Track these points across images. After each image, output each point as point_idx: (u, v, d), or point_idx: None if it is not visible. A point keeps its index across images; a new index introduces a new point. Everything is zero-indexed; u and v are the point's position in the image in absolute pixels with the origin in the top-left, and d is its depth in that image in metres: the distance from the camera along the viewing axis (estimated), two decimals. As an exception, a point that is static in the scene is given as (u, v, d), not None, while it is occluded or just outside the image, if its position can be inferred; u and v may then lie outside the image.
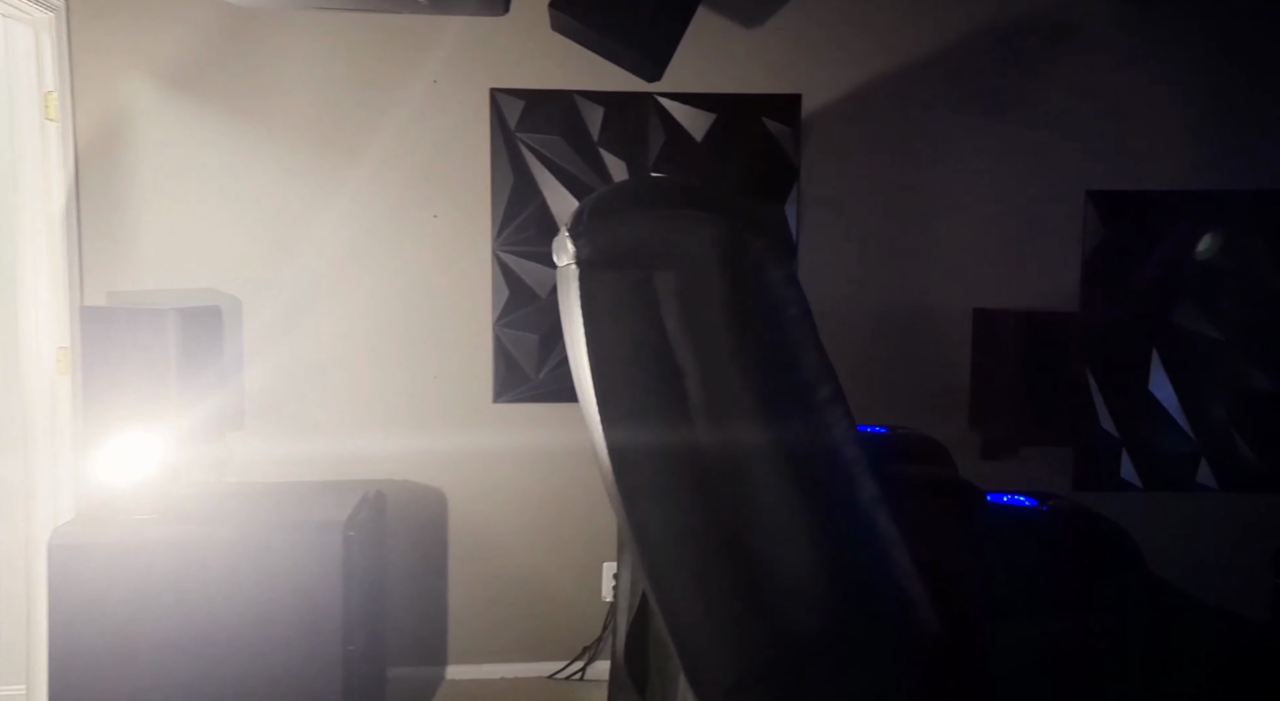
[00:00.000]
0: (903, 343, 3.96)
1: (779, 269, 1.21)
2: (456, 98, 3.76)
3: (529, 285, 3.87)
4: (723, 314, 1.21)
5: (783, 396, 1.18)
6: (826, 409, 1.18)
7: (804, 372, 1.18)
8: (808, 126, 3.89)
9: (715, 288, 1.20)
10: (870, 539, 1.26)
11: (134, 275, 3.64)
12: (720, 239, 1.21)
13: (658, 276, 1.25)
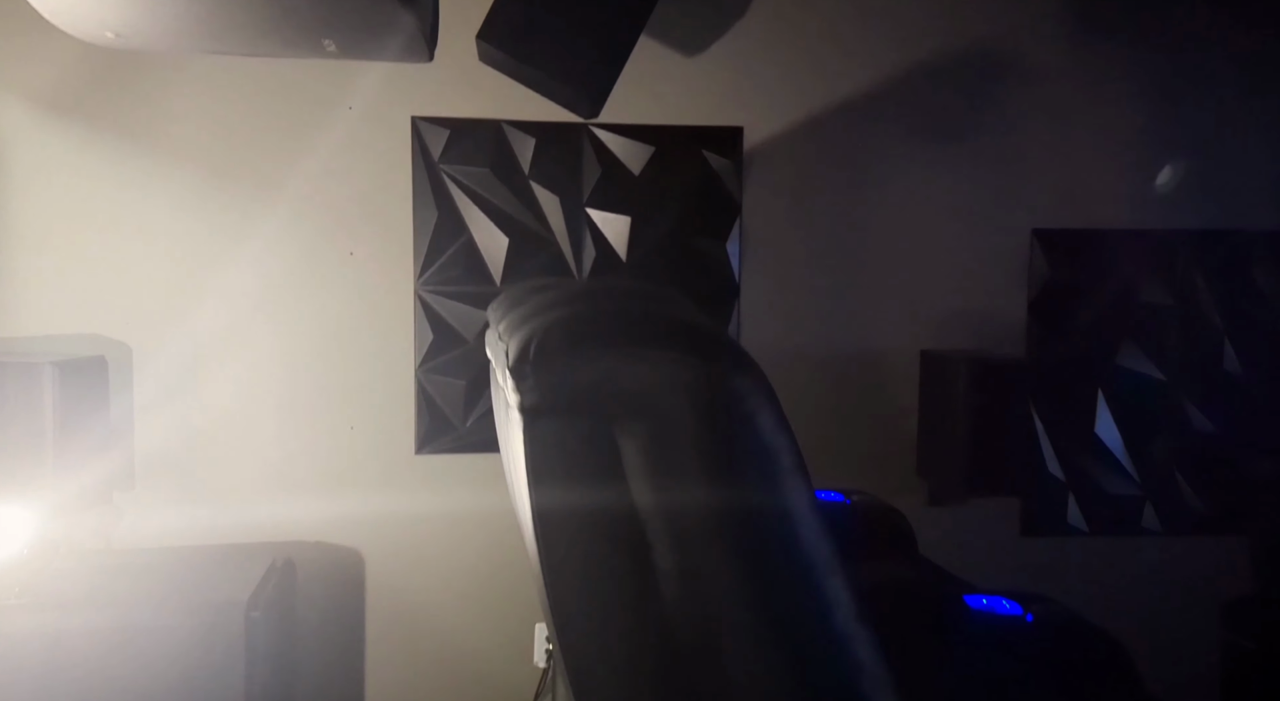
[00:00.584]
0: (849, 386, 3.80)
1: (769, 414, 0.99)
2: (375, 126, 3.47)
3: (454, 327, 3.60)
4: (702, 473, 0.98)
5: (776, 569, 0.96)
6: (826, 581, 0.96)
7: (803, 542, 0.96)
8: (750, 160, 3.71)
9: (691, 440, 0.97)
10: (840, 649, 1.05)
11: (5, 321, 3.24)
12: (697, 384, 0.99)
13: (620, 427, 1.01)
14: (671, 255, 3.68)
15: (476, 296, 3.58)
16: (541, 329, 1.04)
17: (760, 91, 3.68)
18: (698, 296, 3.67)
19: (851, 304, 3.80)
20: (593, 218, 3.65)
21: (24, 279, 3.26)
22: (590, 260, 3.66)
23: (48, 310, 3.28)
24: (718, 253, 3.72)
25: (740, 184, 3.70)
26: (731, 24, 3.65)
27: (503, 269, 3.60)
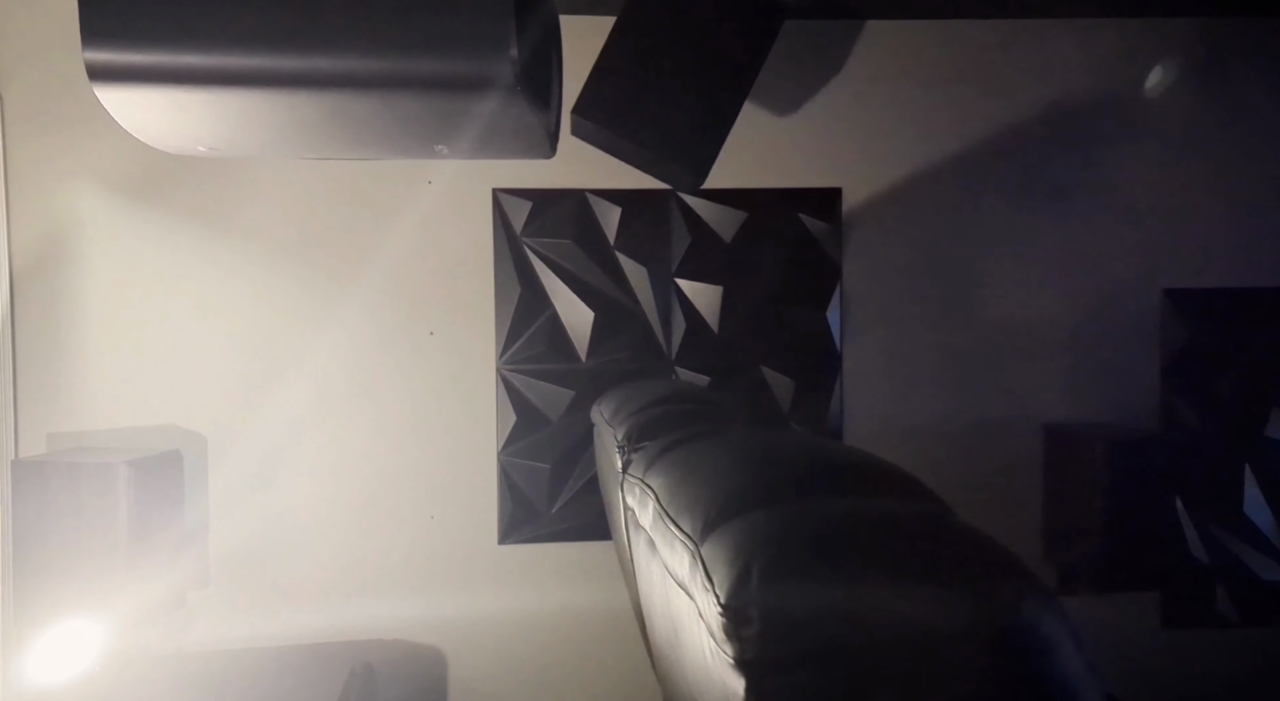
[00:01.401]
0: (964, 463, 3.49)
1: (1072, 653, 0.73)
2: (455, 200, 3.31)
3: (538, 408, 3.39)
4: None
5: None
6: None
7: None
8: (850, 223, 3.46)
9: (974, 693, 0.71)
10: None
11: (80, 414, 3.13)
12: (979, 617, 0.72)
13: (877, 678, 0.75)
14: (768, 326, 3.44)
15: (561, 374, 3.38)
16: (760, 544, 0.79)
17: (858, 150, 3.44)
18: (798, 369, 3.43)
19: (964, 373, 3.50)
20: (682, 288, 3.43)
21: (102, 371, 3.14)
22: (680, 332, 3.43)
23: (125, 402, 3.16)
24: (817, 322, 3.46)
25: (840, 248, 3.46)
26: (825, 82, 3.43)
27: (588, 344, 3.39)
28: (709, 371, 3.43)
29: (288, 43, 1.13)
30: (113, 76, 1.13)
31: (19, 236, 3.08)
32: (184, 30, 1.10)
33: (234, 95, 1.17)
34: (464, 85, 1.17)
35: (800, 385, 3.44)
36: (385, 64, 1.14)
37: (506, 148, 1.44)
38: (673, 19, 2.41)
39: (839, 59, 3.43)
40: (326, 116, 1.24)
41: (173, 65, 1.12)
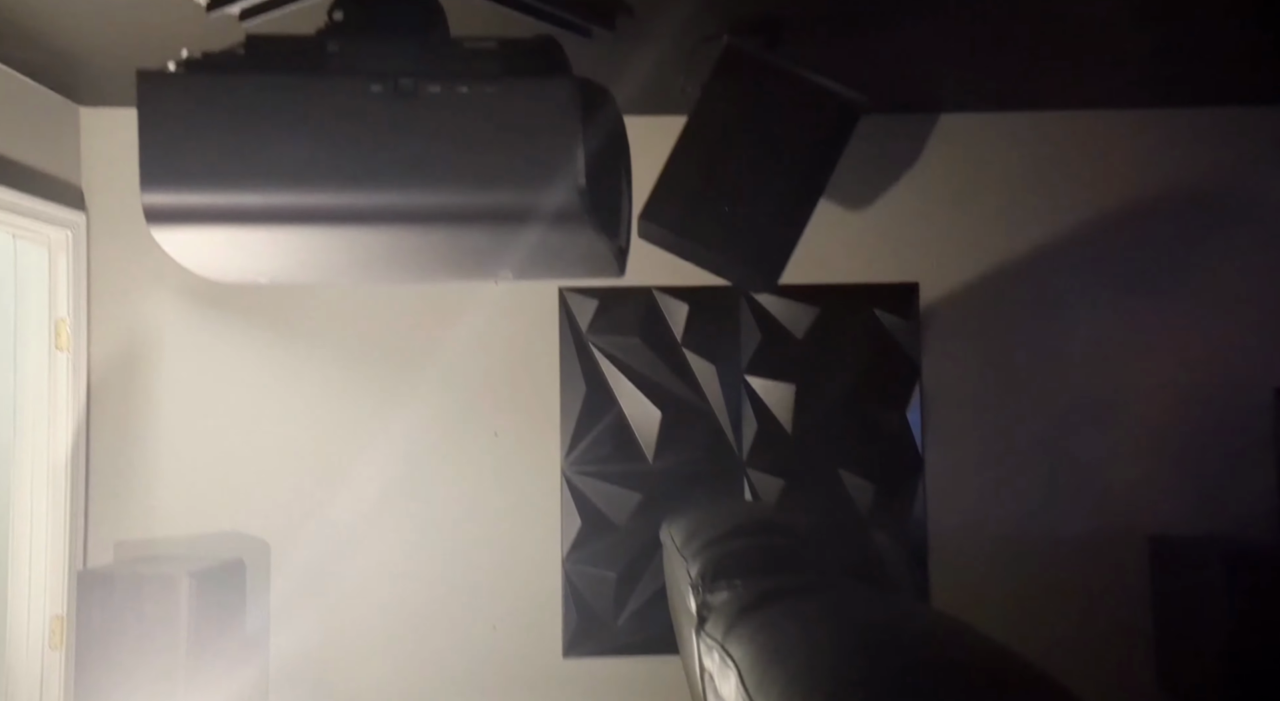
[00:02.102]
0: (1061, 578, 3.24)
1: None
2: (520, 300, 3.28)
3: (604, 512, 3.27)
4: None
5: None
6: None
7: None
8: (928, 318, 3.32)
9: None
10: None
11: (147, 521, 3.12)
12: None
13: None
14: (843, 426, 3.29)
15: (627, 476, 3.26)
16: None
17: (935, 244, 3.33)
18: (877, 472, 3.26)
19: (1059, 479, 3.28)
20: (753, 386, 3.31)
21: (170, 478, 3.14)
22: (752, 433, 3.30)
23: (192, 509, 3.14)
24: (897, 422, 3.30)
25: (918, 345, 3.31)
26: (899, 175, 3.34)
27: (655, 445, 3.28)
28: (782, 474, 3.28)
29: (346, 180, 1.08)
30: (170, 218, 1.10)
31: (98, 347, 3.13)
32: (242, 171, 1.07)
33: (292, 232, 1.13)
34: (529, 216, 1.11)
35: (880, 489, 3.26)
36: (447, 198, 1.09)
37: (573, 270, 1.37)
38: (743, 120, 2.36)
39: (913, 152, 3.34)
40: (386, 249, 1.20)
41: (231, 205, 1.08)
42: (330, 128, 1.08)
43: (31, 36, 2.50)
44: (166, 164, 1.07)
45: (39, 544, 2.92)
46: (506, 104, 1.09)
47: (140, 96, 1.08)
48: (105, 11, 2.31)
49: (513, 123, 1.09)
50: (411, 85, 1.08)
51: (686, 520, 1.91)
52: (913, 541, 3.26)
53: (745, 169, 2.36)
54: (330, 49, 1.13)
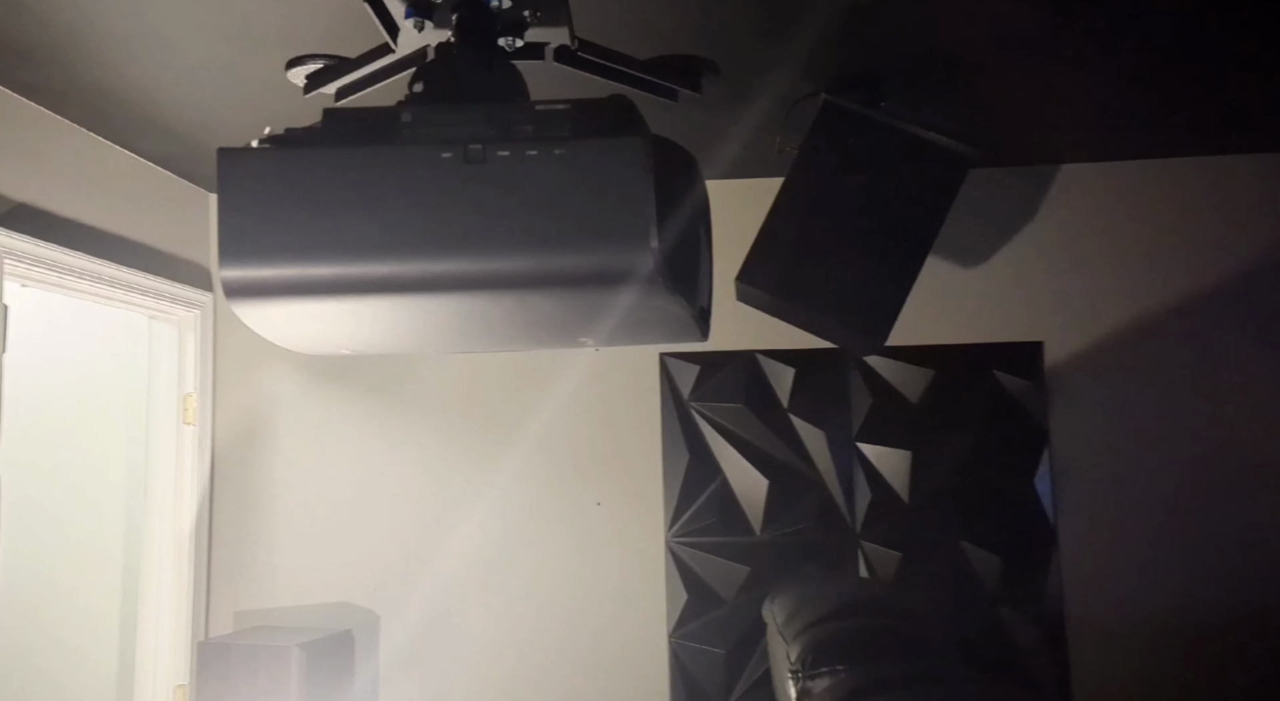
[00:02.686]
0: (1217, 658, 2.90)
1: None
2: (620, 367, 3.25)
3: (710, 586, 3.15)
4: None
5: None
6: None
7: None
8: (1054, 380, 3.11)
9: None
10: None
11: (264, 592, 3.19)
12: None
13: None
14: (965, 495, 3.09)
15: (734, 548, 3.14)
16: None
17: (1059, 300, 3.13)
18: (1004, 544, 3.03)
19: (1212, 551, 2.97)
20: (865, 453, 3.16)
21: (283, 550, 3.21)
22: (865, 502, 3.14)
23: (304, 578, 3.20)
24: (1024, 491, 3.08)
25: (1045, 407, 3.09)
26: (1018, 229, 3.18)
27: (763, 515, 3.16)
28: (900, 546, 3.09)
29: (415, 248, 1.08)
30: (248, 292, 1.11)
31: (221, 421, 3.26)
32: (316, 243, 1.08)
33: (366, 303, 1.13)
34: (601, 280, 1.07)
35: (1008, 563, 3.03)
36: (516, 263, 1.07)
37: (654, 335, 1.33)
38: (843, 177, 2.29)
39: (1032, 205, 3.18)
40: (460, 317, 1.18)
41: (305, 278, 1.09)
42: (401, 196, 1.08)
43: (164, 130, 2.69)
44: (243, 239, 1.09)
45: (165, 614, 3.02)
46: (575, 164, 1.07)
47: (219, 173, 1.11)
48: (228, 102, 2.46)
49: (581, 183, 1.07)
50: (481, 150, 1.07)
51: (789, 597, 1.80)
52: (1048, 622, 3.00)
53: (847, 227, 2.28)
54: (404, 119, 1.14)
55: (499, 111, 1.13)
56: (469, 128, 1.11)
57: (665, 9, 1.88)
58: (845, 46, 2.18)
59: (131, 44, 2.10)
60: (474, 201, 1.08)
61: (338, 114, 1.18)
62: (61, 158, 2.57)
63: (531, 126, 1.11)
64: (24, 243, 2.37)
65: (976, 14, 2.03)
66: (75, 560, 3.24)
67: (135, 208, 2.88)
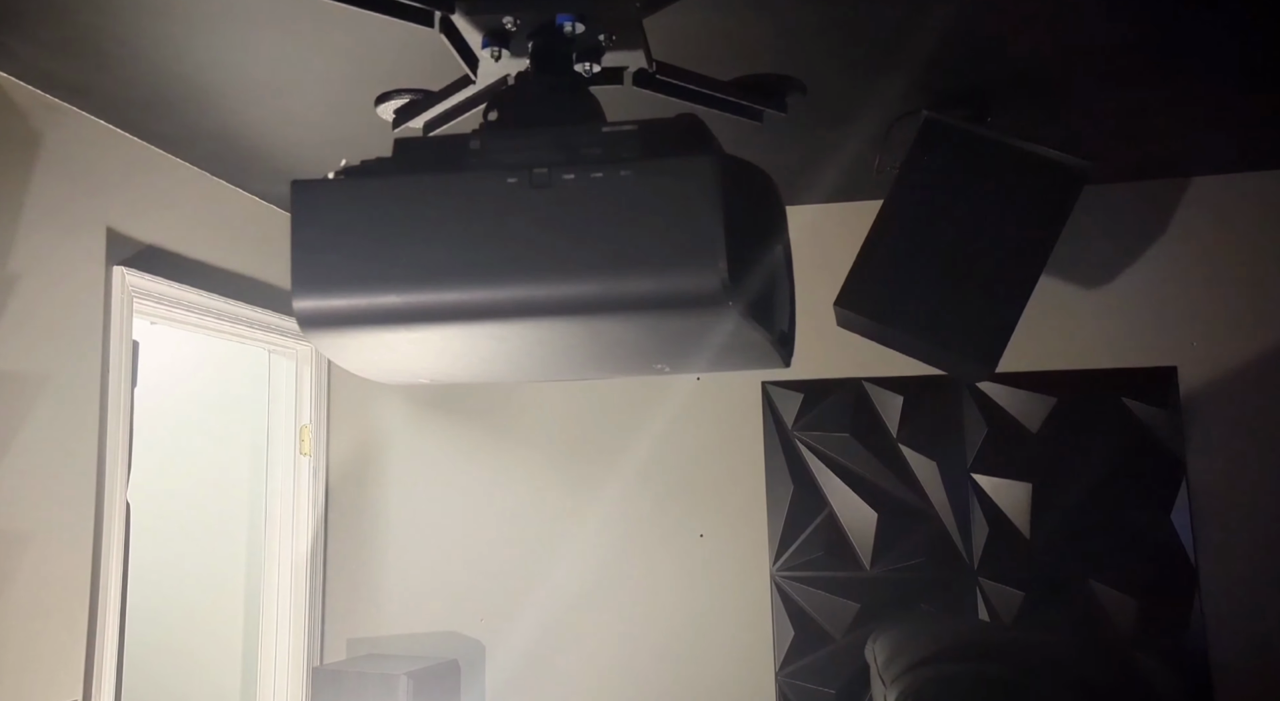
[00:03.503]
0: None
1: None
2: (722, 396, 3.19)
3: (819, 622, 3.03)
4: None
5: None
6: None
7: None
8: (1190, 406, 2.87)
9: None
10: None
11: (374, 620, 3.26)
12: None
13: None
14: (1093, 530, 2.88)
15: (842, 584, 3.01)
16: None
17: (1194, 322, 2.90)
18: (1139, 584, 2.80)
19: (1385, 597, 2.66)
20: (981, 485, 2.99)
21: (394, 579, 3.28)
22: (983, 537, 2.96)
23: (413, 606, 3.25)
24: (1160, 526, 2.84)
25: (1181, 436, 2.86)
26: (1146, 247, 2.97)
27: (872, 549, 3.02)
28: (1021, 585, 2.90)
29: (482, 275, 1.07)
30: (322, 323, 1.12)
31: (335, 451, 3.37)
32: (386, 272, 1.08)
33: (437, 331, 1.12)
34: (670, 305, 1.03)
35: (1144, 605, 2.80)
36: (582, 288, 1.04)
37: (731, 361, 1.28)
38: (948, 196, 2.18)
39: (1160, 221, 2.97)
40: (531, 345, 1.16)
41: (376, 307, 1.09)
42: (467, 223, 1.08)
43: (279, 171, 2.82)
44: (315, 269, 1.11)
45: (284, 640, 3.12)
46: (641, 185, 1.04)
47: (293, 204, 1.13)
48: (338, 141, 2.56)
49: (648, 204, 1.03)
50: (546, 174, 1.06)
51: (892, 636, 1.69)
52: (1191, 669, 2.75)
53: (952, 248, 2.17)
54: (472, 146, 1.14)
55: (566, 135, 1.12)
56: (536, 152, 1.10)
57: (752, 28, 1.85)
58: (946, 62, 2.09)
59: (251, 90, 2.21)
60: (539, 226, 1.07)
61: (408, 143, 1.19)
62: (185, 200, 2.72)
63: (599, 149, 1.09)
64: (152, 282, 2.51)
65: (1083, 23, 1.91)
66: (201, 586, 3.40)
67: (253, 246, 3.03)
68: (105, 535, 2.30)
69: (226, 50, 1.96)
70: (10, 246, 2.08)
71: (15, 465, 2.08)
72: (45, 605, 2.15)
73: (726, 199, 1.02)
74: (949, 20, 1.86)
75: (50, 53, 1.97)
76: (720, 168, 1.04)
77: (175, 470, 3.42)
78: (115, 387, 2.36)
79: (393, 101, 1.77)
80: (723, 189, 1.02)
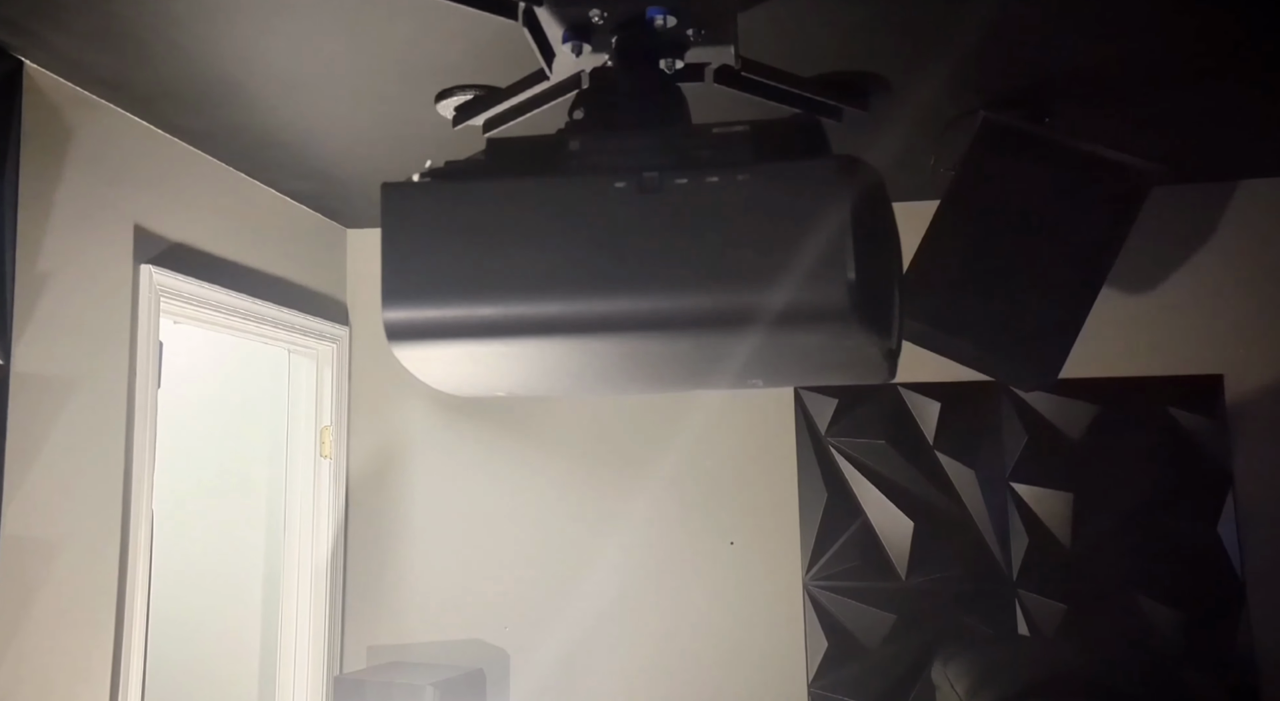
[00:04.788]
0: None
1: None
2: (754, 400, 3.12)
3: (853, 633, 2.96)
4: None
5: None
6: None
7: None
8: (1236, 416, 2.81)
9: None
10: None
11: (397, 627, 3.18)
12: None
13: None
14: (1137, 542, 2.82)
15: (878, 594, 2.95)
16: None
17: (1242, 329, 2.85)
18: (1185, 596, 2.74)
19: None
20: (1020, 494, 2.93)
21: (416, 585, 3.20)
22: (1022, 548, 2.90)
23: (436, 614, 3.18)
24: (1206, 538, 2.79)
25: (1228, 447, 2.80)
26: (1192, 252, 2.91)
27: (908, 559, 2.96)
28: (1062, 597, 2.84)
29: (588, 285, 0.99)
30: (411, 335, 1.05)
31: (356, 454, 3.29)
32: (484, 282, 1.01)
33: (533, 344, 1.05)
34: (789, 318, 0.96)
35: (1191, 618, 2.74)
36: (696, 300, 0.97)
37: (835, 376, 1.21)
38: (1008, 199, 2.12)
39: (1206, 225, 2.91)
40: (629, 359, 1.09)
41: (472, 319, 1.02)
42: (572, 230, 1.00)
43: (307, 168, 2.74)
44: (408, 278, 1.03)
45: (303, 648, 3.04)
46: (761, 191, 0.96)
47: (384, 208, 1.06)
48: (371, 139, 2.49)
49: (770, 212, 0.96)
50: (656, 179, 0.98)
51: (969, 662, 1.62)
52: (1240, 685, 2.69)
53: (1012, 252, 2.11)
54: (572, 147, 1.06)
55: (673, 136, 1.04)
56: (642, 155, 1.03)
57: (809, 27, 1.78)
58: (1003, 60, 2.02)
59: (281, 86, 2.13)
60: (650, 234, 0.99)
61: (502, 144, 1.12)
62: (211, 197, 2.64)
63: (709, 151, 1.01)
64: (178, 280, 2.43)
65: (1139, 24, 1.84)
66: (218, 592, 3.31)
67: (278, 244, 2.95)
68: (132, 543, 2.22)
69: (261, 43, 1.88)
70: (39, 244, 2.00)
71: (44, 471, 2.00)
72: (72, 616, 2.07)
73: (855, 206, 0.95)
74: (1006, 18, 1.80)
75: (82, 43, 1.89)
76: (849, 172, 0.97)
77: (192, 473, 3.33)
78: (142, 390, 2.28)
79: (454, 98, 1.69)
80: (849, 193, 0.95)
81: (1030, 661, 1.45)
